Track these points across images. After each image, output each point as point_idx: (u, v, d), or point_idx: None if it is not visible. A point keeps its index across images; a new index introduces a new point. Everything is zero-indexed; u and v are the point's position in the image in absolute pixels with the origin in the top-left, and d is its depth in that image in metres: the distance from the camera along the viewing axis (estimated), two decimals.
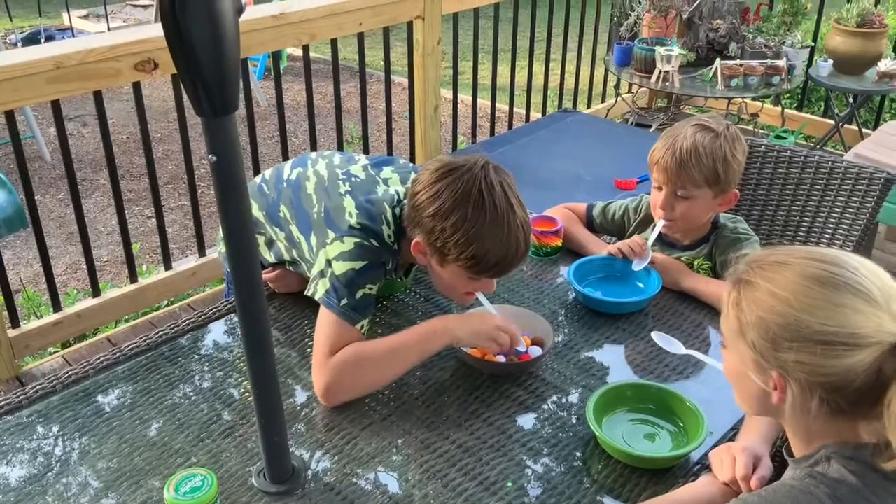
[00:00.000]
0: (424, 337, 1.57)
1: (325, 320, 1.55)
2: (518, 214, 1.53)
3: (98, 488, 1.34)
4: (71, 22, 6.82)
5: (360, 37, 3.34)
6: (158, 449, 1.42)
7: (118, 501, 1.31)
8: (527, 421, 1.49)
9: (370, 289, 1.58)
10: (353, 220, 1.59)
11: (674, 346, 1.65)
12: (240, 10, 1.02)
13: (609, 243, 1.99)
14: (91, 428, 1.46)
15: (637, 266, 1.86)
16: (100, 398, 1.53)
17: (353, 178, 1.69)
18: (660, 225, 1.88)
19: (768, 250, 1.12)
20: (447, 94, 4.19)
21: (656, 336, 1.68)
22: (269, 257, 1.84)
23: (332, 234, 1.59)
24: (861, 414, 1.05)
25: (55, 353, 2.97)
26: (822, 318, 1.01)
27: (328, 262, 1.57)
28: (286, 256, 1.79)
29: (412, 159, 3.74)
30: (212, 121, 1.04)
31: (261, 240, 1.81)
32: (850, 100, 4.43)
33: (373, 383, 1.55)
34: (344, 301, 1.54)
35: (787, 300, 1.03)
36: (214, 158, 1.06)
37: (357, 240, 1.57)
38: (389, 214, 1.62)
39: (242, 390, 1.56)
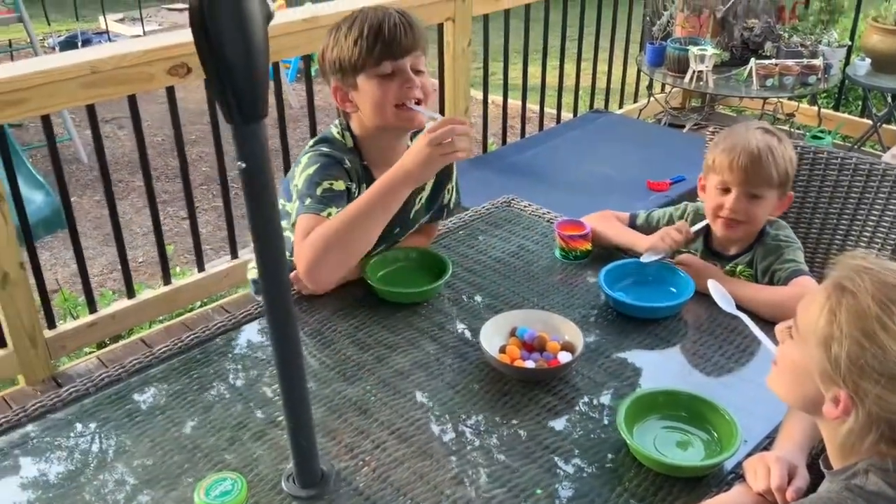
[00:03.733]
0: (381, 188, 1.62)
1: (297, 223, 1.65)
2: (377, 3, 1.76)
3: (130, 491, 1.35)
4: (107, 25, 6.92)
5: None
6: (189, 452, 1.42)
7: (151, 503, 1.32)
8: (557, 427, 1.48)
9: (330, 183, 1.67)
10: (308, 146, 1.76)
11: (725, 302, 1.65)
12: (269, 17, 1.03)
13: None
14: (124, 430, 1.48)
15: (646, 258, 1.86)
16: (132, 401, 1.55)
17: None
18: (701, 224, 1.89)
19: (874, 259, 1.06)
20: (477, 94, 4.18)
21: (711, 285, 1.69)
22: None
23: (295, 170, 1.74)
24: None
25: (91, 353, 3.01)
26: None
27: (296, 188, 1.70)
28: None
29: None
30: (241, 128, 1.05)
31: None
32: (889, 99, 4.35)
33: (345, 248, 1.61)
34: (308, 201, 1.65)
35: None
36: (244, 165, 1.07)
37: (309, 154, 1.75)
38: (337, 119, 1.79)
39: (273, 393, 1.56)
